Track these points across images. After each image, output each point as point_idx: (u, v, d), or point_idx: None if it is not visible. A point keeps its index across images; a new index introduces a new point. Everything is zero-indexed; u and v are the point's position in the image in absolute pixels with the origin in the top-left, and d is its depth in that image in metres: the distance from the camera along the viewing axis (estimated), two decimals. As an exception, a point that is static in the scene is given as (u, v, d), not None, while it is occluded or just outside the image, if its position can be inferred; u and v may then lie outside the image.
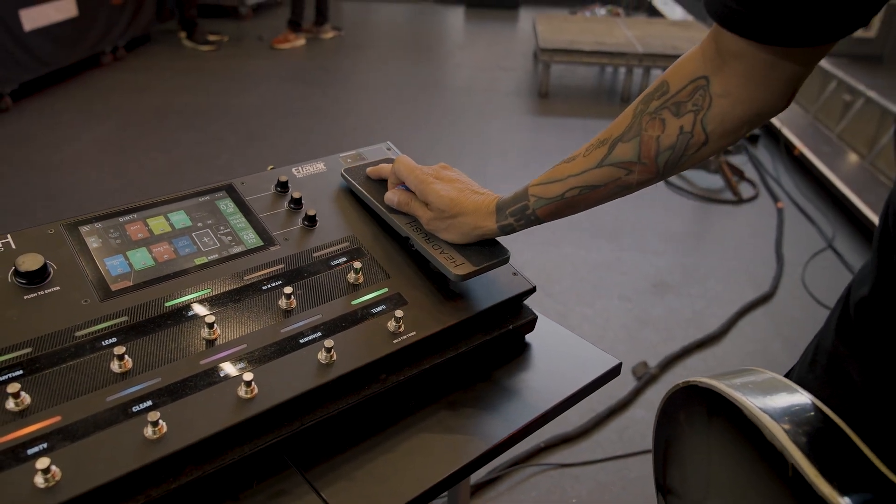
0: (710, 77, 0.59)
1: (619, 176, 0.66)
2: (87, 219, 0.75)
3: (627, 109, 0.66)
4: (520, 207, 0.73)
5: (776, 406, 0.52)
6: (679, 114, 0.61)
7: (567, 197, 0.70)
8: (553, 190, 0.70)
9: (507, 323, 0.80)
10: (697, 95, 0.60)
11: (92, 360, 0.61)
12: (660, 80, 0.64)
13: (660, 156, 0.63)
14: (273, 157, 3.58)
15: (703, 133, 0.61)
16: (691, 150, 0.62)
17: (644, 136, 0.63)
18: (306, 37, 5.92)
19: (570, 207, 0.71)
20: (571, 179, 0.69)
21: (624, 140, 0.65)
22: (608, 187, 0.67)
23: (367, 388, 0.68)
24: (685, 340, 2.27)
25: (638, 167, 0.65)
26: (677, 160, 0.63)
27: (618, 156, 0.65)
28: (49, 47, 4.19)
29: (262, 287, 0.72)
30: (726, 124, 0.60)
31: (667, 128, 0.62)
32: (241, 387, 0.61)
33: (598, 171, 0.67)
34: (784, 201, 3.32)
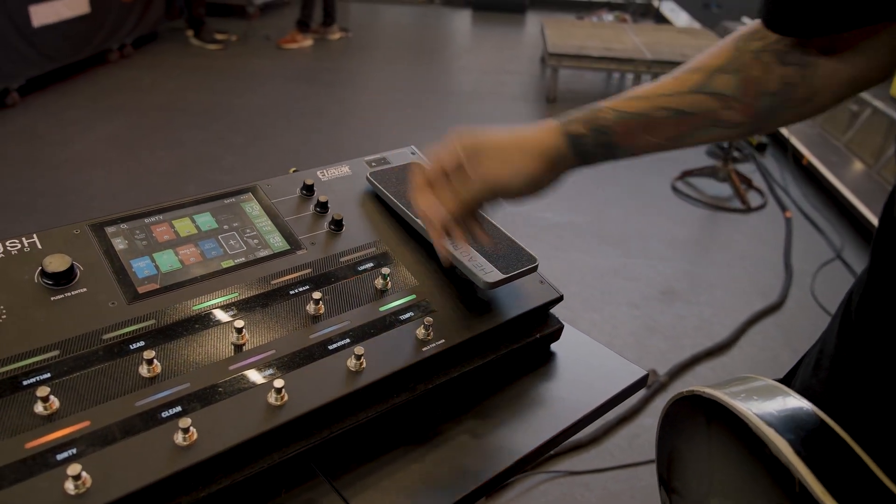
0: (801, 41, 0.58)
1: (715, 108, 0.61)
2: (113, 219, 0.74)
3: (724, 43, 0.62)
4: (591, 118, 0.64)
5: (780, 418, 0.51)
6: (783, 62, 0.58)
7: (653, 116, 0.62)
8: (638, 106, 0.62)
9: (534, 331, 0.79)
10: (798, 52, 0.58)
11: (120, 363, 0.60)
12: (750, 26, 0.62)
13: (761, 98, 0.60)
14: (279, 157, 3.57)
15: (809, 88, 0.58)
16: (794, 104, 0.59)
17: (747, 73, 0.60)
18: (313, 37, 5.92)
19: (651, 131, 0.62)
20: (662, 99, 0.62)
21: (724, 71, 0.60)
22: (698, 118, 0.61)
23: (396, 397, 0.67)
24: (694, 349, 2.26)
25: (737, 105, 0.60)
26: (778, 110, 0.60)
27: (717, 86, 0.60)
28: (57, 43, 4.18)
29: (290, 292, 0.71)
30: (833, 82, 0.58)
31: (770, 72, 0.59)
32: (272, 393, 0.60)
33: (692, 97, 0.61)
34: (792, 211, 3.32)
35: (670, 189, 3.49)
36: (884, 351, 0.52)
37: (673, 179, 3.55)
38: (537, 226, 3.02)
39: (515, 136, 0.64)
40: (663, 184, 3.53)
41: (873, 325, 0.53)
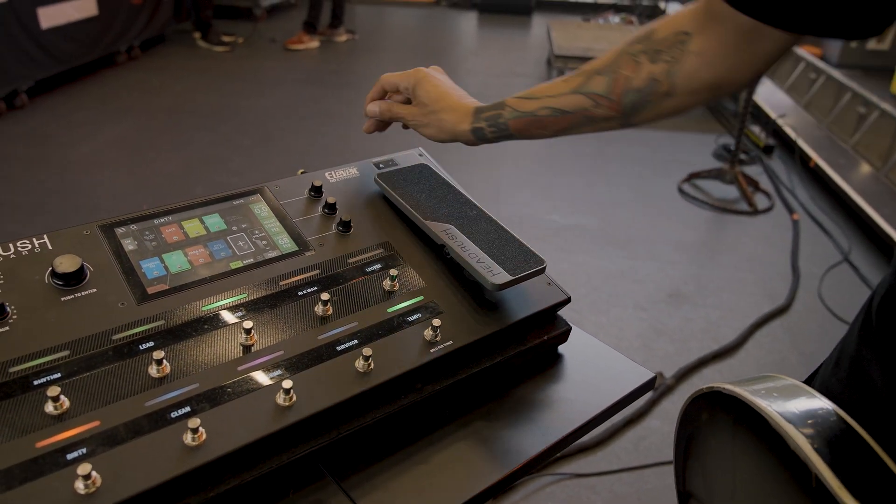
0: (693, 34, 0.63)
1: (587, 106, 0.71)
2: (123, 220, 0.74)
3: (615, 48, 0.70)
4: (494, 115, 0.78)
5: (799, 414, 0.51)
6: (654, 60, 0.65)
7: (538, 115, 0.75)
8: (528, 105, 0.76)
9: (541, 333, 0.79)
10: (676, 49, 0.64)
11: (129, 363, 0.61)
12: (650, 26, 0.68)
13: (626, 95, 0.68)
14: (286, 159, 3.58)
15: (670, 84, 0.65)
16: (655, 98, 0.66)
17: (618, 73, 0.68)
18: (320, 39, 5.93)
19: (539, 127, 0.76)
20: (547, 99, 0.74)
21: (600, 73, 0.70)
22: (575, 116, 0.72)
23: (403, 398, 0.67)
24: (701, 351, 2.26)
25: (605, 102, 0.69)
26: (641, 105, 0.67)
27: (591, 86, 0.70)
28: (66, 45, 4.21)
29: (298, 293, 0.71)
30: (693, 83, 0.64)
31: (640, 71, 0.66)
32: (280, 394, 0.60)
33: (570, 98, 0.72)
34: (799, 213, 3.30)
35: (677, 191, 3.48)
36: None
37: (679, 182, 3.54)
38: (544, 228, 3.02)
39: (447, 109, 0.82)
40: (670, 186, 3.52)
41: (892, 326, 0.53)
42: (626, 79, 0.67)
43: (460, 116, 0.81)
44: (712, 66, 0.62)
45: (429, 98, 0.83)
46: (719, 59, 0.62)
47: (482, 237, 0.79)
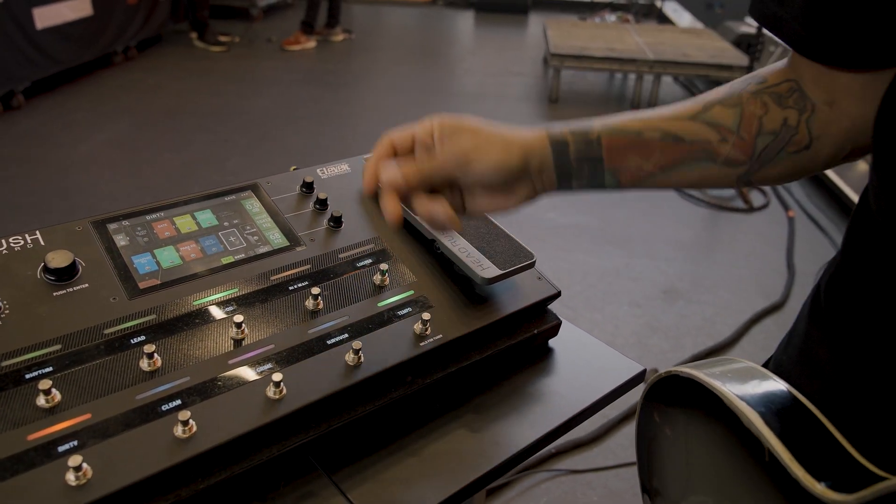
0: (802, 83, 0.57)
1: (711, 139, 0.58)
2: (115, 216, 0.75)
3: (726, 85, 0.61)
4: (582, 129, 0.61)
5: (753, 393, 0.53)
6: (782, 105, 0.57)
7: (644, 137, 0.59)
8: (630, 124, 0.60)
9: (531, 327, 0.80)
10: (796, 95, 0.57)
11: (121, 357, 0.61)
12: (757, 72, 0.61)
13: (760, 137, 0.57)
14: (284, 159, 3.59)
15: (807, 135, 0.57)
16: (792, 147, 0.57)
17: (746, 109, 0.58)
18: (317, 39, 5.94)
19: (640, 152, 0.59)
20: (657, 121, 0.60)
21: (723, 104, 0.58)
22: (692, 148, 0.58)
23: (393, 391, 0.68)
24: (695, 348, 2.26)
25: (734, 139, 0.58)
26: (776, 152, 0.57)
27: (715, 117, 0.58)
28: (62, 46, 4.21)
29: (289, 287, 0.72)
30: (833, 132, 0.57)
31: (770, 112, 0.57)
32: (270, 387, 0.61)
33: (689, 123, 0.59)
34: (795, 210, 3.31)
35: (673, 189, 3.49)
36: (846, 330, 0.53)
37: (676, 179, 3.55)
38: (542, 227, 3.03)
39: (499, 128, 0.61)
40: (666, 184, 3.53)
41: (838, 306, 0.55)
42: (756, 118, 0.57)
43: (523, 135, 0.61)
44: (848, 116, 0.56)
45: (471, 122, 0.61)
46: (853, 107, 0.55)
47: (472, 232, 0.80)
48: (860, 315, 0.52)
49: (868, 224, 0.52)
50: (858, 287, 0.52)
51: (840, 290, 0.55)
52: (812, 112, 0.57)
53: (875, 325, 0.51)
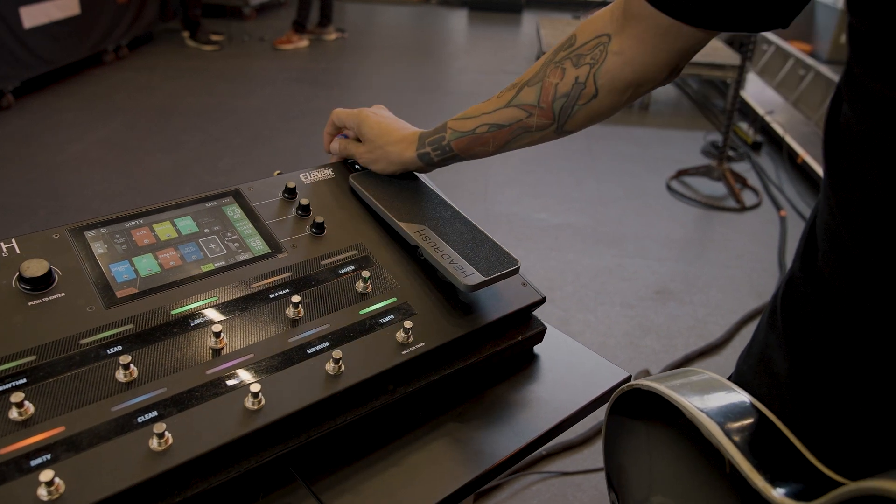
0: (612, 35, 0.66)
1: (521, 118, 0.74)
2: (93, 224, 0.74)
3: (540, 59, 0.73)
4: (437, 139, 0.81)
5: (713, 405, 0.53)
6: (578, 65, 0.68)
7: (477, 133, 0.77)
8: (467, 125, 0.78)
9: (516, 333, 0.79)
10: (597, 51, 0.67)
11: (97, 368, 0.60)
12: (571, 33, 0.70)
13: (555, 101, 0.71)
14: (276, 159, 3.57)
15: (593, 86, 0.68)
16: (582, 100, 0.69)
17: (545, 81, 0.71)
18: (309, 38, 5.92)
19: (480, 144, 0.78)
20: (483, 117, 0.76)
21: (529, 84, 0.72)
22: (512, 128, 0.75)
23: (375, 400, 0.67)
24: (687, 349, 2.26)
25: (537, 111, 0.72)
26: (570, 109, 0.70)
27: (522, 98, 0.73)
28: (51, 45, 4.19)
29: (270, 295, 0.71)
30: (615, 82, 0.67)
31: (565, 76, 0.69)
32: (248, 398, 0.60)
33: (504, 112, 0.75)
34: (787, 210, 3.32)
35: (665, 188, 3.49)
36: (801, 338, 0.54)
37: (668, 178, 3.55)
38: (533, 227, 3.02)
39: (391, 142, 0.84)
40: (658, 183, 3.53)
41: (793, 315, 0.55)
42: (553, 86, 0.70)
43: (405, 146, 0.83)
44: (631, 65, 0.65)
45: (373, 134, 0.85)
46: (638, 58, 0.65)
47: (456, 238, 0.79)
48: (814, 323, 0.52)
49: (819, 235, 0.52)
50: (813, 298, 0.52)
51: (794, 298, 0.55)
52: (601, 63, 0.67)
53: (828, 333, 0.51)
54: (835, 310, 0.50)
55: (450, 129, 0.80)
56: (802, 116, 4.42)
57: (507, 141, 0.77)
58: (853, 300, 0.48)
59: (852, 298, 0.48)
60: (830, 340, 0.50)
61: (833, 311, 0.50)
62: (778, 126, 4.06)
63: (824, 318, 0.51)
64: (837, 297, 0.49)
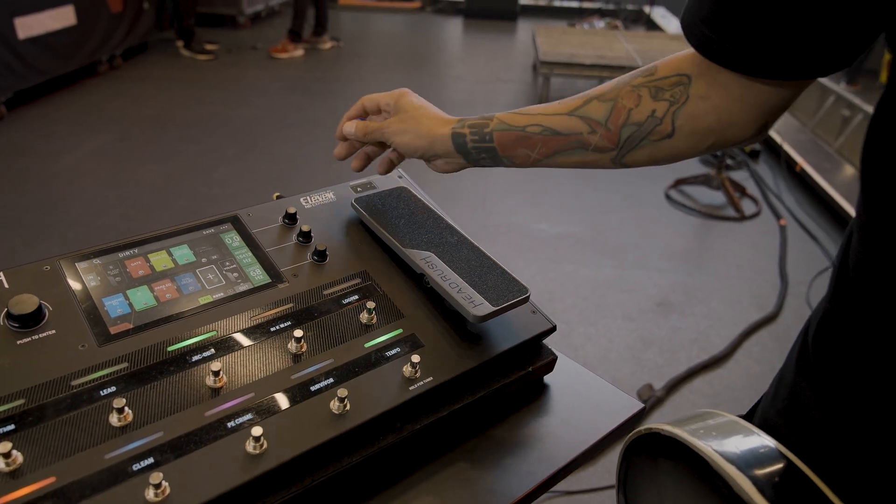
0: (693, 78, 0.61)
1: (582, 131, 0.67)
2: (85, 254, 0.71)
3: (617, 79, 0.67)
4: (480, 125, 0.73)
5: (740, 454, 0.50)
6: (656, 97, 0.63)
7: (528, 132, 0.70)
8: (518, 120, 0.71)
9: (526, 364, 0.76)
10: (678, 89, 0.62)
11: (89, 412, 0.57)
12: (653, 64, 0.65)
13: (625, 128, 0.64)
14: (272, 170, 3.54)
15: (671, 125, 0.62)
16: (655, 136, 0.63)
17: (619, 103, 0.65)
18: (305, 47, 5.90)
19: (526, 145, 0.70)
20: (540, 117, 0.69)
21: (601, 99, 0.66)
22: (568, 139, 0.68)
23: (381, 439, 0.64)
24: (690, 362, 2.24)
25: (602, 130, 0.66)
26: (637, 141, 0.64)
27: (590, 111, 0.66)
28: (45, 56, 4.15)
29: (271, 329, 0.68)
30: (695, 125, 0.62)
31: (641, 104, 0.63)
32: (250, 441, 0.57)
33: (565, 119, 0.68)
34: (786, 218, 3.30)
35: (664, 198, 3.47)
36: (838, 382, 0.50)
37: (666, 188, 3.53)
38: (533, 238, 3.00)
39: (430, 117, 0.76)
40: (657, 192, 3.51)
41: (829, 357, 0.52)
42: (626, 110, 0.64)
43: (441, 122, 0.76)
44: (716, 112, 0.60)
45: (411, 106, 0.77)
46: (724, 106, 0.60)
47: (463, 265, 0.76)
48: (852, 366, 0.49)
49: (858, 268, 0.49)
50: (850, 336, 0.49)
51: (830, 339, 0.52)
52: (683, 104, 0.61)
53: (868, 376, 0.48)
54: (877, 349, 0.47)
55: (497, 119, 0.72)
56: (798, 122, 4.41)
57: (556, 151, 0.69)
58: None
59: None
60: (871, 383, 0.48)
61: (874, 350, 0.47)
62: (775, 133, 4.05)
63: (864, 358, 0.48)
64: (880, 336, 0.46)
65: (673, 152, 0.64)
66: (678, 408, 2.05)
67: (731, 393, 2.11)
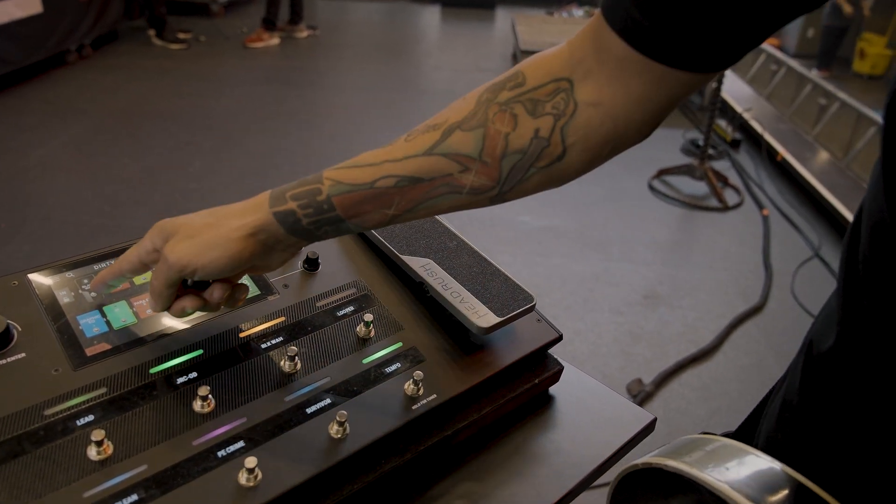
0: (575, 82, 0.51)
1: (451, 172, 0.53)
2: (57, 266, 0.65)
3: (468, 96, 0.55)
4: (308, 193, 0.55)
5: (752, 485, 0.46)
6: (535, 113, 0.51)
7: (378, 187, 0.54)
8: (359, 176, 0.54)
9: (531, 376, 0.72)
10: (559, 98, 0.51)
11: (65, 444, 0.52)
12: (513, 70, 0.54)
13: (506, 158, 0.52)
14: (249, 163, 3.46)
15: (560, 144, 0.51)
16: (543, 160, 0.52)
17: (490, 128, 0.52)
18: (280, 36, 5.79)
19: (378, 203, 0.55)
20: (388, 165, 0.54)
21: (464, 128, 0.53)
22: (434, 184, 0.53)
23: (383, 463, 0.60)
24: (678, 355, 2.22)
25: (477, 165, 0.52)
26: (525, 169, 0.53)
27: (454, 145, 0.53)
28: (11, 45, 4.01)
29: (262, 345, 0.63)
30: (590, 140, 0.52)
31: (519, 126, 0.51)
32: (243, 473, 0.53)
33: (424, 160, 0.53)
34: (769, 208, 3.30)
35: (647, 188, 3.45)
36: (857, 398, 0.47)
37: (649, 178, 3.52)
38: (517, 231, 2.96)
39: (216, 217, 0.57)
40: (640, 183, 3.49)
41: (847, 379, 0.48)
42: (502, 136, 0.52)
43: (245, 210, 0.57)
44: (613, 119, 0.51)
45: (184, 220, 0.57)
46: (621, 108, 0.51)
47: (464, 272, 0.72)
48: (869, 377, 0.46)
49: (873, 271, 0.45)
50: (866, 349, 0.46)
51: (842, 357, 0.48)
52: (571, 116, 0.51)
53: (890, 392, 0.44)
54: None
55: (329, 180, 0.55)
56: (777, 111, 4.42)
57: (420, 202, 0.54)
58: None
59: None
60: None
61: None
62: (756, 123, 4.05)
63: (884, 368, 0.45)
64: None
65: (567, 173, 0.54)
66: (668, 402, 2.04)
67: (719, 386, 2.10)
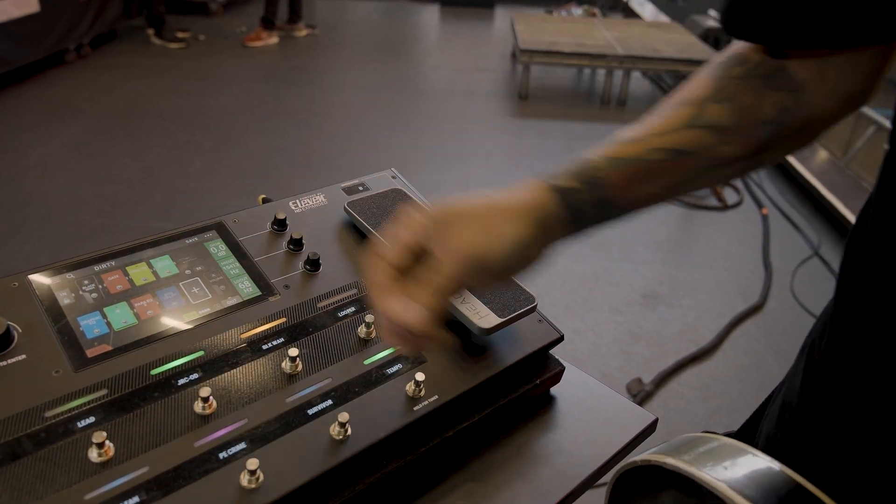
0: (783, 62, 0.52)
1: (711, 144, 0.52)
2: (58, 267, 0.65)
3: (700, 75, 0.55)
4: (585, 169, 0.53)
5: (752, 486, 0.46)
6: (775, 87, 0.52)
7: (650, 160, 0.52)
8: (631, 150, 0.53)
9: (533, 376, 0.72)
10: (783, 76, 0.52)
11: (66, 446, 0.52)
12: (727, 52, 0.55)
13: (761, 128, 0.52)
14: (249, 162, 3.46)
15: (803, 116, 0.53)
16: (790, 132, 0.53)
17: (739, 101, 0.52)
18: (279, 35, 5.78)
19: (646, 180, 0.53)
20: (655, 139, 0.53)
21: (716, 101, 0.53)
22: (696, 159, 0.52)
23: (385, 464, 0.60)
24: (678, 354, 2.22)
25: (736, 138, 0.52)
26: (775, 141, 0.53)
27: (711, 117, 0.52)
28: (9, 45, 4.00)
29: (263, 347, 0.63)
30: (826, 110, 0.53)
31: (764, 99, 0.52)
32: (244, 475, 0.52)
33: (687, 133, 0.52)
34: (768, 207, 3.30)
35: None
36: (855, 399, 0.47)
37: (649, 177, 3.51)
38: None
39: (494, 198, 0.52)
40: (640, 182, 3.49)
41: (841, 372, 0.48)
42: (751, 108, 0.52)
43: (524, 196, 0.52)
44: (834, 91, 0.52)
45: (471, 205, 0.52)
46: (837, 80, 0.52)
47: (466, 273, 0.72)
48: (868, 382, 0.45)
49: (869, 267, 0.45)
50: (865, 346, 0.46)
51: (836, 356, 0.48)
52: (805, 92, 0.52)
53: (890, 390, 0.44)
54: None
55: (600, 157, 0.53)
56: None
57: (682, 177, 0.53)
58: None
59: None
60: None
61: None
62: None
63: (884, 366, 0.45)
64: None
65: (807, 141, 0.56)
66: (667, 401, 2.04)
67: (719, 385, 2.10)
